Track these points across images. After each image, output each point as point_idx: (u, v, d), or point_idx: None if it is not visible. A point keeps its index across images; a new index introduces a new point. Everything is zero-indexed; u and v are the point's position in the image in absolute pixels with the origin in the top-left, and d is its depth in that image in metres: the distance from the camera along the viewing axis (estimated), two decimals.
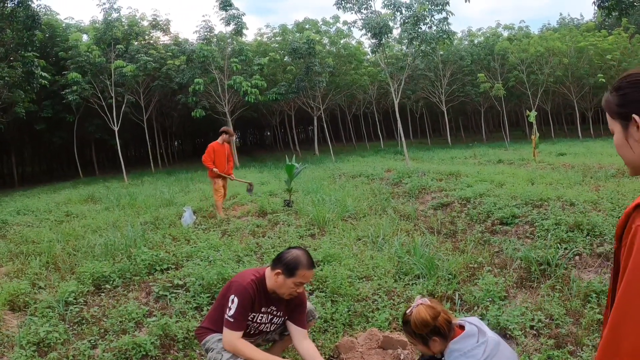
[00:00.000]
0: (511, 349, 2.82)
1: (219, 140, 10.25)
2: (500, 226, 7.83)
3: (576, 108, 36.03)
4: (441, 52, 33.71)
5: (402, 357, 3.83)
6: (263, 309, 3.45)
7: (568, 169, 13.88)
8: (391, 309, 4.88)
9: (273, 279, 3.36)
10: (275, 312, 3.51)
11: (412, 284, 5.49)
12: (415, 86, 37.03)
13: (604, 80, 29.96)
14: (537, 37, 34.57)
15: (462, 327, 2.82)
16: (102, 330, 4.71)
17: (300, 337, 3.52)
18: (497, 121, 51.91)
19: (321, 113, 33.60)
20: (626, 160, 1.60)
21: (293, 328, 3.57)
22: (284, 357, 3.76)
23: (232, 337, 3.24)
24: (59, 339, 4.48)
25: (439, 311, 2.75)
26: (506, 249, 6.53)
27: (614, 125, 1.59)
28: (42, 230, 9.34)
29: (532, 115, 16.88)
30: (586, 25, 36.36)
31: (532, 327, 4.32)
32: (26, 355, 4.11)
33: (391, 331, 4.33)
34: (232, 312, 3.24)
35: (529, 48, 31.71)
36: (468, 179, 12.33)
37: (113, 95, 24.90)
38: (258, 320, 3.48)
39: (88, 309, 5.19)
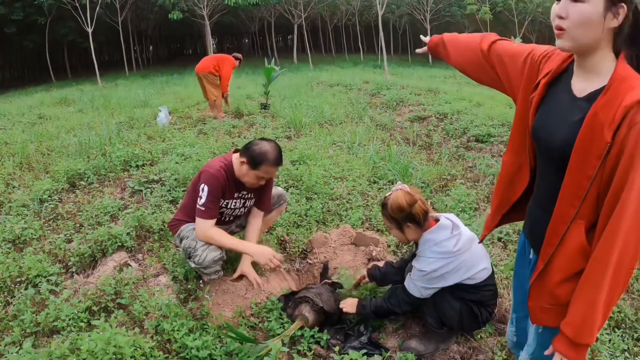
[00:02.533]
0: (484, 249, 2.91)
1: (236, 63, 10.33)
2: (475, 143, 7.93)
3: None
4: None
5: (374, 254, 3.94)
6: (235, 194, 3.48)
7: None
8: (364, 209, 4.97)
9: (238, 166, 3.35)
10: (246, 196, 3.55)
11: (386, 188, 5.58)
12: (401, 1, 36.13)
13: None
14: None
15: (437, 221, 2.89)
16: (77, 225, 4.69)
17: (253, 214, 3.68)
18: None
19: (302, 21, 32.69)
20: (579, 37, 1.57)
21: (254, 209, 3.69)
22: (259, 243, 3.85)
23: (205, 226, 3.26)
24: (34, 235, 4.47)
25: (416, 199, 2.79)
26: (480, 164, 6.63)
27: (593, 1, 1.54)
28: (15, 132, 9.07)
29: (517, 41, 16.64)
30: None
31: (499, 239, 4.43)
32: (2, 252, 4.09)
33: (364, 230, 4.43)
34: (202, 200, 3.23)
35: None
36: (447, 96, 12.33)
37: None
38: (232, 207, 3.52)
39: (63, 206, 5.15)
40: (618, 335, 3.03)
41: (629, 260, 1.51)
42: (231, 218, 3.65)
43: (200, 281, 3.46)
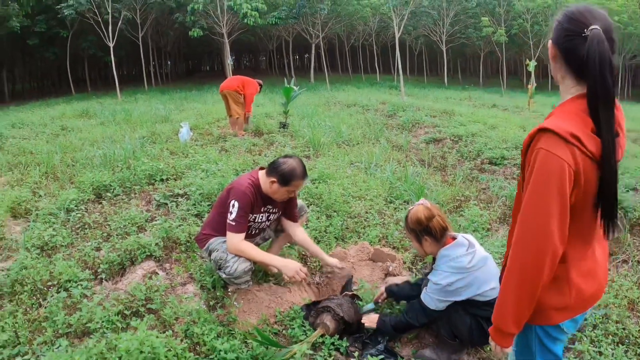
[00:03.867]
0: (497, 268, 3.09)
1: (259, 88, 10.81)
2: (489, 165, 8.08)
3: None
4: None
5: (390, 269, 4.12)
6: (262, 209, 3.73)
7: None
8: (382, 227, 5.16)
9: (268, 185, 3.61)
10: (271, 210, 3.81)
11: (402, 208, 5.76)
12: (417, 23, 36.41)
13: None
14: None
15: (454, 239, 3.09)
16: (105, 234, 4.90)
17: (294, 227, 3.96)
18: (496, 67, 51.34)
19: (320, 41, 33.12)
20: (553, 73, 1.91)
21: (286, 222, 3.97)
22: (282, 256, 4.07)
23: (236, 239, 3.48)
24: (63, 242, 4.67)
25: (434, 214, 3.03)
26: (493, 186, 6.79)
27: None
28: (39, 142, 9.34)
29: (532, 64, 16.84)
30: None
31: None
32: (32, 257, 4.29)
33: (381, 247, 4.61)
34: (233, 215, 3.46)
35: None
36: (462, 119, 12.50)
37: (110, 10, 24.25)
38: (258, 220, 3.76)
39: (89, 215, 5.34)
40: (622, 350, 3.17)
41: (529, 265, 1.77)
42: (257, 231, 3.87)
43: (229, 290, 3.66)
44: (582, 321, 2.07)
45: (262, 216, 3.76)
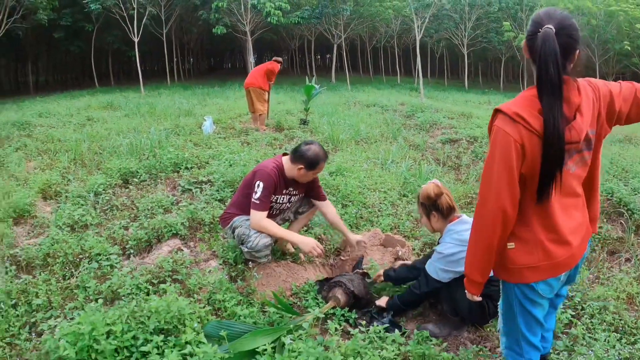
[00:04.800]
0: None
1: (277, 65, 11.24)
2: None
3: (597, 71, 35.49)
4: None
5: (400, 254, 4.38)
6: (284, 191, 4.03)
7: None
8: (394, 217, 5.41)
9: (295, 172, 3.92)
10: (292, 192, 4.12)
11: (415, 201, 5.98)
12: (439, 26, 36.50)
13: (629, 48, 29.42)
14: None
15: (459, 218, 3.42)
16: (132, 215, 5.22)
17: (324, 206, 4.32)
18: (517, 72, 51.12)
19: (342, 41, 33.35)
20: None
21: (317, 202, 4.32)
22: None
23: (259, 216, 3.77)
24: (92, 222, 4.98)
25: (442, 192, 3.37)
26: None
27: None
28: (67, 131, 9.64)
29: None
30: None
31: None
32: (63, 234, 4.59)
33: (393, 234, 4.86)
34: (258, 195, 3.76)
35: (559, 3, 30.92)
36: (479, 121, 12.63)
37: (135, 6, 24.73)
38: (280, 202, 4.06)
39: (117, 199, 5.66)
40: (615, 338, 3.36)
41: (480, 225, 2.15)
42: (277, 212, 4.16)
43: (250, 263, 3.94)
44: (557, 287, 2.32)
45: (283, 198, 4.06)
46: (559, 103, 1.98)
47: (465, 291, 2.35)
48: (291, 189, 4.08)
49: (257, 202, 3.76)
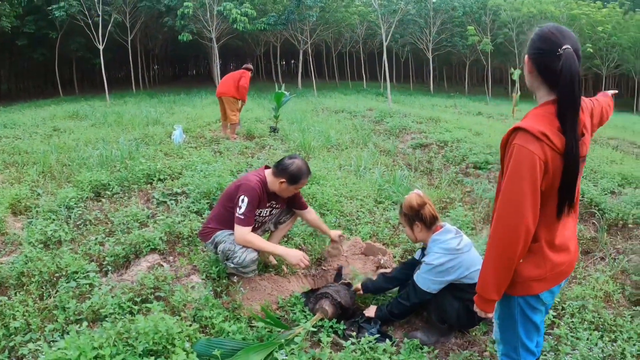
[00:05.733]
0: (479, 255, 3.42)
1: (249, 75, 10.81)
2: (474, 170, 8.39)
3: None
4: (434, 0, 33.54)
5: (382, 262, 4.41)
6: (267, 205, 4.03)
7: None
8: (372, 225, 5.44)
9: (277, 185, 3.90)
10: (274, 205, 4.12)
11: (391, 208, 6.04)
12: (404, 30, 36.92)
13: (591, 50, 30.26)
14: None
15: (442, 227, 3.45)
16: (107, 230, 5.09)
17: (305, 213, 4.36)
18: (481, 76, 52.12)
19: (308, 47, 33.43)
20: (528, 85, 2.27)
21: (298, 211, 4.35)
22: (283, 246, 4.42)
23: (244, 232, 3.75)
24: (66, 237, 4.84)
25: (425, 202, 3.41)
26: (477, 189, 7.09)
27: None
28: (34, 142, 9.42)
29: (517, 73, 17.17)
30: None
31: None
32: (37, 251, 4.44)
33: (373, 242, 4.88)
34: (242, 210, 3.73)
35: (522, 8, 31.65)
36: (447, 125, 12.84)
37: (100, 13, 24.33)
38: (263, 215, 4.05)
39: (89, 213, 5.51)
40: (597, 336, 3.47)
41: (504, 242, 2.11)
42: (259, 224, 4.14)
43: (235, 277, 3.91)
44: (557, 292, 2.40)
45: (266, 211, 4.05)
46: (578, 122, 2.06)
47: (477, 310, 2.33)
48: (273, 202, 4.08)
49: (242, 217, 3.74)
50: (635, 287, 4.27)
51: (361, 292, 3.85)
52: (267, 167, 4.10)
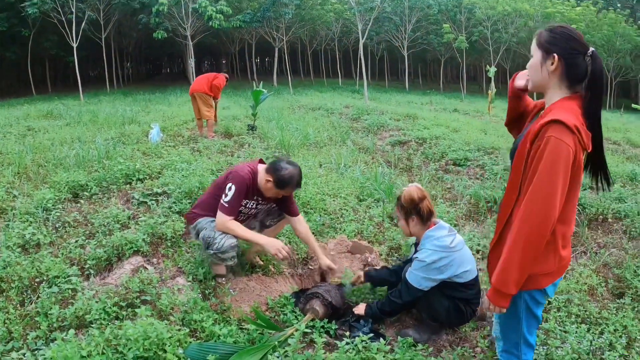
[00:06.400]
0: (471, 254, 3.44)
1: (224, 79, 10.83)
2: (453, 166, 8.46)
3: None
4: None
5: (369, 260, 4.39)
6: (254, 197, 3.98)
7: None
8: (357, 222, 5.43)
9: (263, 182, 3.85)
10: (260, 201, 4.06)
11: (374, 205, 6.04)
12: (380, 28, 37.00)
13: None
14: None
15: (436, 224, 3.45)
16: (88, 232, 4.97)
17: (295, 222, 4.24)
18: (456, 73, 52.59)
19: (283, 45, 33.32)
20: (532, 79, 2.30)
21: (288, 217, 4.25)
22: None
23: (225, 219, 3.73)
24: (45, 241, 4.71)
25: (425, 196, 3.40)
26: (458, 186, 7.14)
27: (536, 52, 2.23)
28: (8, 143, 9.19)
29: (492, 70, 17.30)
30: None
31: (477, 251, 4.93)
32: (15, 255, 4.31)
33: (358, 240, 4.87)
34: (228, 198, 3.72)
35: (497, 6, 31.99)
36: (425, 122, 12.93)
37: (74, 10, 23.89)
38: (248, 207, 4.01)
39: (68, 214, 5.37)
40: (584, 329, 3.52)
41: (536, 233, 2.10)
42: (245, 217, 4.10)
43: (223, 279, 3.86)
44: (558, 285, 2.42)
45: (252, 203, 4.00)
46: (601, 117, 2.16)
47: (490, 306, 2.29)
48: (259, 198, 4.04)
49: (226, 204, 3.72)
50: (618, 280, 4.35)
51: (362, 279, 3.84)
52: (261, 161, 4.10)
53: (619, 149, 11.43)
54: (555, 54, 2.16)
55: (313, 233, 4.99)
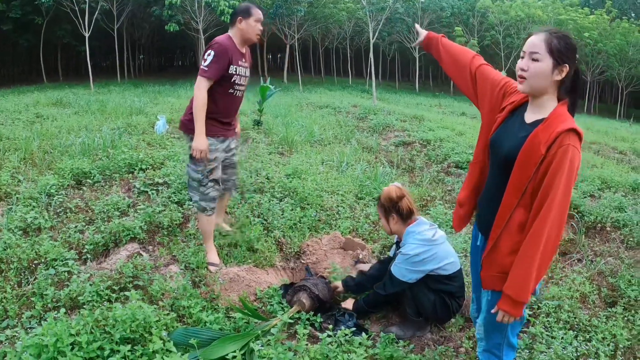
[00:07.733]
0: (452, 248, 3.52)
1: None
2: (455, 169, 8.48)
3: None
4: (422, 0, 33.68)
5: (360, 257, 4.45)
6: (240, 62, 4.03)
7: None
8: (352, 220, 5.49)
9: (237, 31, 3.98)
10: (245, 65, 4.13)
11: (372, 204, 6.09)
12: (392, 29, 36.99)
13: (577, 56, 30.66)
14: (520, 2, 34.69)
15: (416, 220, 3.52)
16: (88, 218, 5.07)
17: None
18: None
19: (295, 42, 33.38)
20: (534, 84, 2.27)
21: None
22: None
23: (203, 85, 3.80)
24: (45, 225, 4.81)
25: (404, 195, 3.49)
26: (458, 188, 7.17)
27: (546, 59, 2.21)
28: (16, 129, 9.29)
29: (503, 74, 17.29)
30: (570, 0, 36.63)
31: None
32: (16, 238, 4.42)
33: (352, 237, 4.93)
34: (207, 62, 3.80)
35: (510, 11, 31.97)
36: (431, 124, 12.93)
37: (87, 0, 24.07)
38: (239, 73, 4.04)
39: (70, 200, 5.47)
40: (572, 335, 3.55)
41: (553, 239, 2.14)
42: (239, 90, 4.17)
43: (214, 268, 3.94)
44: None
45: (241, 69, 4.05)
46: None
47: (505, 317, 2.28)
48: (244, 60, 4.10)
49: (205, 69, 3.78)
50: (611, 289, 4.38)
51: (341, 289, 3.90)
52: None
53: (624, 159, 11.42)
54: (567, 65, 2.20)
55: (308, 229, 5.08)
